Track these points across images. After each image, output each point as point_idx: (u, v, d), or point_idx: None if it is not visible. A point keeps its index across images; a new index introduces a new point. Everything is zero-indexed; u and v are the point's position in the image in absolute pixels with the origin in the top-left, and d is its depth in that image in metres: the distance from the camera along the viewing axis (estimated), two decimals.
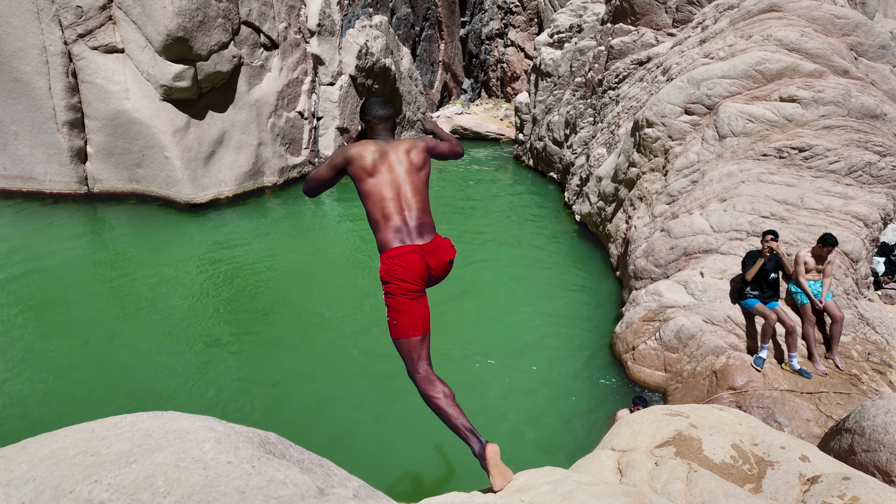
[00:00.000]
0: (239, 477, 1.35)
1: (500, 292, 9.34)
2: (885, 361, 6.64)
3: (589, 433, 6.09)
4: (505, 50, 26.59)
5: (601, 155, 12.01)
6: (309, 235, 11.86)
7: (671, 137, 9.10)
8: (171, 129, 12.13)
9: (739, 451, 3.48)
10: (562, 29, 16.55)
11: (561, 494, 2.46)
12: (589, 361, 7.44)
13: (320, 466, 1.70)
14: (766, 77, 8.64)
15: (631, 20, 12.72)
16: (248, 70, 13.41)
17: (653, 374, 6.89)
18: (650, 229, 8.76)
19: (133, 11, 11.41)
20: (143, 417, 1.64)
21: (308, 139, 15.29)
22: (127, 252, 10.37)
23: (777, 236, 6.61)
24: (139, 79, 11.96)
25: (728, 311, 6.96)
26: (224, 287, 9.12)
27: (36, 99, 11.78)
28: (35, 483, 1.32)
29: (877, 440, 3.76)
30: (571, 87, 15.31)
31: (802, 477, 3.22)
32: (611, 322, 8.36)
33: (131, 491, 1.27)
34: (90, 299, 8.58)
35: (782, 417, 5.73)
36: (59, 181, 12.44)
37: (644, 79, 11.65)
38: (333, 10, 15.24)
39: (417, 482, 5.45)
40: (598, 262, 10.51)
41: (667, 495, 2.97)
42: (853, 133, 7.99)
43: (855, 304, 7.25)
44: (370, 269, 10.10)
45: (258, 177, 13.97)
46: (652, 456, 3.47)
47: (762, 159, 8.22)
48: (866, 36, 9.11)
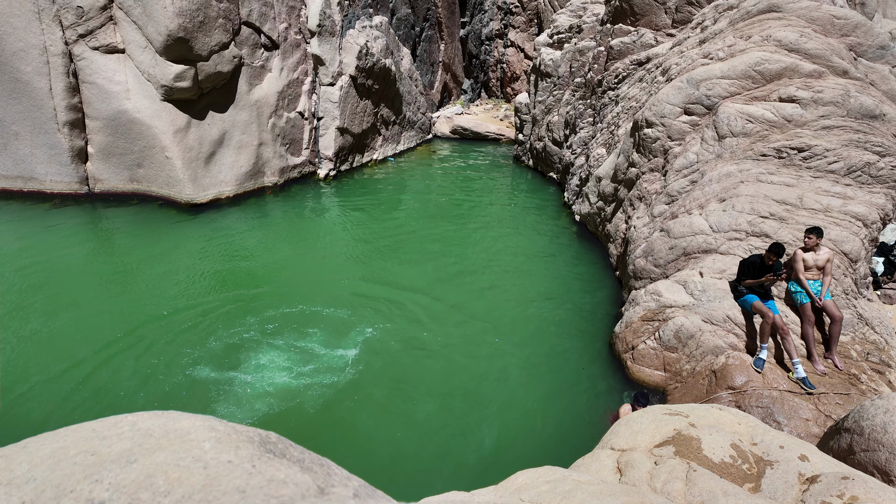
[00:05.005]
0: (239, 476, 1.36)
1: (499, 292, 9.35)
2: (884, 361, 6.64)
3: (588, 433, 6.10)
4: (505, 50, 26.59)
5: (601, 155, 12.02)
6: (309, 235, 11.87)
7: (670, 138, 9.10)
8: (172, 130, 12.14)
9: (739, 450, 3.48)
10: (561, 29, 16.56)
11: (560, 494, 2.46)
12: (588, 361, 7.45)
13: (320, 466, 1.71)
14: (765, 77, 8.65)
15: (630, 21, 12.73)
16: (249, 70, 13.42)
17: (652, 374, 6.89)
18: (649, 229, 8.76)
19: (134, 12, 11.42)
20: (144, 417, 1.65)
21: (308, 139, 15.30)
22: (127, 252, 10.38)
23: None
24: (140, 79, 11.97)
25: (727, 311, 6.97)
26: (224, 286, 9.12)
27: (37, 99, 11.79)
28: (36, 482, 1.33)
29: (876, 440, 3.76)
30: (571, 88, 15.32)
31: (802, 476, 3.23)
32: (610, 322, 8.36)
33: (132, 490, 1.28)
34: (90, 299, 8.59)
35: (781, 417, 5.73)
36: (59, 181, 12.45)
37: (643, 79, 11.66)
38: (334, 11, 15.25)
39: (417, 481, 5.45)
40: (597, 262, 10.52)
41: (666, 494, 2.97)
42: (852, 133, 7.99)
43: (854, 303, 7.25)
44: (370, 268, 10.11)
45: (259, 177, 13.98)
46: (651, 455, 3.48)
47: (761, 159, 8.22)
48: (865, 36, 9.11)
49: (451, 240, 11.66)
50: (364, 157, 17.40)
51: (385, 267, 10.19)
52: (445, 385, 6.93)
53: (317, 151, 15.68)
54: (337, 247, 11.33)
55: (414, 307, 8.69)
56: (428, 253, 10.91)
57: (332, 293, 9.08)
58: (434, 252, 10.95)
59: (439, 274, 9.95)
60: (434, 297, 9.03)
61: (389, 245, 11.30)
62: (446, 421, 6.23)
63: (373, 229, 12.25)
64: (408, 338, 7.84)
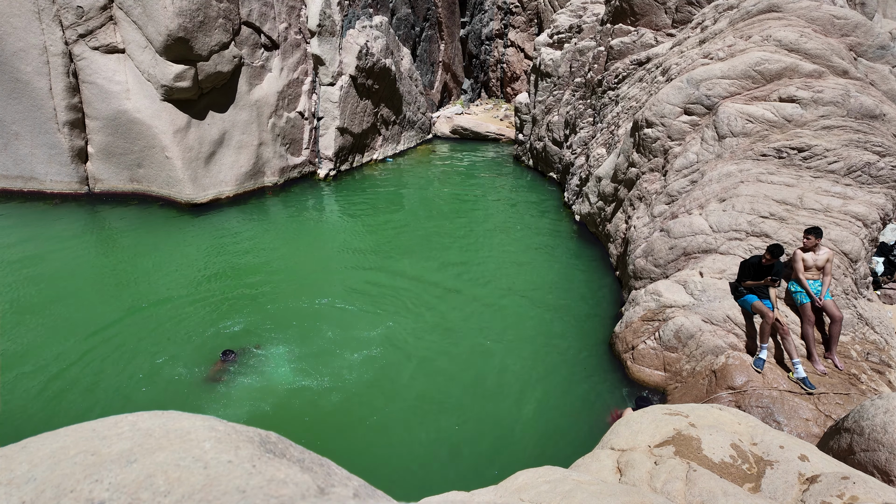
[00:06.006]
0: (240, 476, 1.36)
1: (499, 291, 9.35)
2: (884, 361, 6.64)
3: (588, 432, 6.10)
4: (505, 50, 26.59)
5: (601, 155, 12.02)
6: (309, 235, 11.87)
7: (671, 137, 9.10)
8: (172, 130, 12.14)
9: (739, 450, 3.48)
10: (561, 29, 16.56)
11: (560, 493, 2.46)
12: (588, 361, 7.45)
13: (320, 465, 1.71)
14: (765, 77, 8.65)
15: (630, 21, 12.73)
16: (249, 70, 13.42)
17: (652, 374, 6.89)
18: (650, 229, 8.76)
19: (134, 12, 11.42)
20: (144, 417, 1.65)
21: (308, 139, 15.30)
22: (127, 252, 10.38)
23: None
24: (140, 79, 11.97)
25: (727, 311, 6.97)
26: (224, 286, 9.12)
27: (37, 99, 11.79)
28: (36, 482, 1.33)
29: (876, 440, 3.76)
30: (571, 88, 15.31)
31: (802, 476, 3.23)
32: (610, 322, 8.36)
33: (132, 490, 1.28)
34: (90, 299, 8.59)
35: (781, 417, 5.73)
36: (59, 181, 12.45)
37: (643, 79, 11.66)
38: (334, 11, 15.25)
39: (417, 481, 5.45)
40: (597, 262, 10.52)
41: (666, 494, 2.97)
42: (852, 133, 7.99)
43: (854, 303, 7.25)
44: (369, 268, 10.11)
45: (259, 177, 13.98)
46: (651, 455, 3.48)
47: (761, 159, 8.22)
48: (865, 36, 9.11)
49: (450, 240, 11.66)
50: (364, 157, 17.40)
51: (385, 267, 10.19)
52: (445, 385, 6.93)
53: (317, 151, 15.68)
54: (337, 246, 11.33)
55: (413, 307, 8.69)
56: (427, 253, 10.91)
57: (332, 292, 9.08)
58: (433, 252, 10.95)
59: (439, 274, 9.95)
60: (433, 297, 9.03)
61: (389, 245, 11.30)
62: (446, 421, 6.23)
63: (372, 230, 12.25)
64: (407, 338, 7.84)
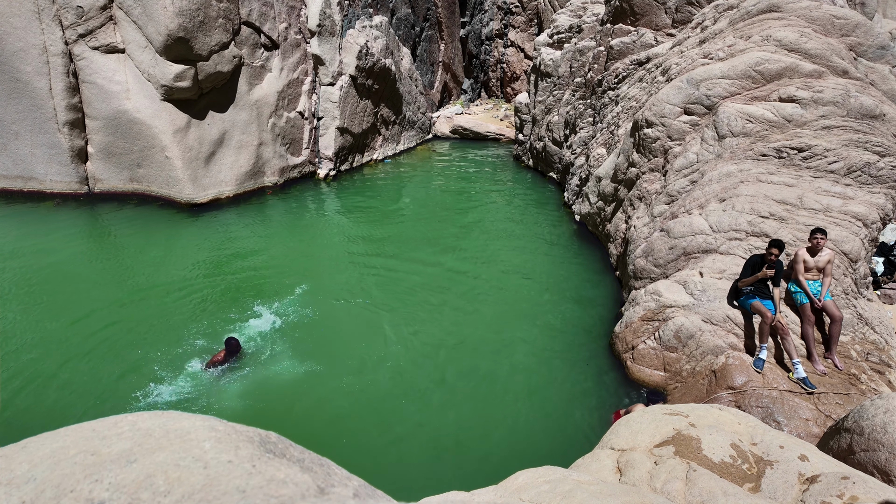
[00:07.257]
0: (239, 476, 1.36)
1: (498, 291, 9.35)
2: (884, 361, 6.64)
3: (588, 433, 6.10)
4: (505, 50, 26.59)
5: (601, 155, 12.02)
6: (309, 235, 11.87)
7: (670, 137, 9.10)
8: (172, 129, 12.14)
9: (738, 450, 3.48)
10: (561, 29, 16.56)
11: (560, 493, 2.46)
12: (588, 361, 7.45)
13: (320, 465, 1.71)
14: (765, 77, 8.64)
15: (630, 21, 12.73)
16: (249, 70, 13.42)
17: (652, 374, 6.89)
18: (649, 229, 8.76)
19: (134, 12, 11.42)
20: (144, 417, 1.65)
21: (308, 139, 15.30)
22: (127, 252, 10.38)
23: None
24: (140, 79, 11.97)
25: (727, 311, 6.97)
26: (224, 286, 9.12)
27: (37, 99, 11.79)
28: (36, 482, 1.33)
29: (876, 440, 3.76)
30: (571, 88, 15.31)
31: (801, 476, 3.23)
32: (610, 322, 8.36)
33: (132, 490, 1.28)
34: (90, 299, 8.58)
35: (781, 417, 5.73)
36: (59, 181, 12.45)
37: (643, 79, 11.66)
38: (334, 11, 15.24)
39: (417, 481, 5.45)
40: (597, 262, 10.52)
41: (666, 494, 2.97)
42: (852, 133, 7.99)
43: (854, 303, 7.25)
44: (369, 267, 10.11)
45: (259, 177, 13.98)
46: (651, 455, 3.48)
47: (761, 159, 8.22)
48: (865, 36, 9.11)
49: (450, 240, 11.66)
50: (364, 157, 17.40)
51: (384, 266, 10.19)
52: (445, 385, 6.93)
53: (317, 151, 15.68)
54: (337, 246, 11.33)
55: (413, 307, 8.69)
56: (427, 252, 10.91)
57: (333, 292, 9.08)
58: (433, 251, 10.95)
59: (439, 273, 9.95)
60: (433, 297, 9.03)
61: (389, 245, 11.30)
62: (446, 421, 6.23)
63: (372, 229, 12.25)
64: (407, 338, 7.84)
